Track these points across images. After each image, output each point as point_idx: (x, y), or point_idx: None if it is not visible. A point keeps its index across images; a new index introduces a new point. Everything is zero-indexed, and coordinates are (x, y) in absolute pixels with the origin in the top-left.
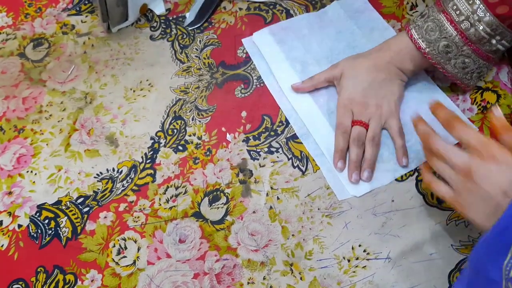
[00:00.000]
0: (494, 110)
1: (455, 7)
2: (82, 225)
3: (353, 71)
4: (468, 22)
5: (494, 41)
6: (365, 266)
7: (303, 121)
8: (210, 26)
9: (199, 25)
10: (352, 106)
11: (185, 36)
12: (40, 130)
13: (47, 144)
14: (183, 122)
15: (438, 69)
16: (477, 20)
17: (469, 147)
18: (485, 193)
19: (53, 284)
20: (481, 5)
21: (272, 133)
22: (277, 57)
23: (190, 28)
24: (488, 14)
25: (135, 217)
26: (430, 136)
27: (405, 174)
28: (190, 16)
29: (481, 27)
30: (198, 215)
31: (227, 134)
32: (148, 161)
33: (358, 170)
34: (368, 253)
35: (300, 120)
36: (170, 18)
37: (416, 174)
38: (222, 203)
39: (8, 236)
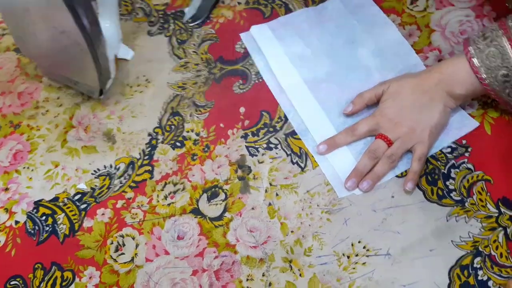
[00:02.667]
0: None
1: None
2: (79, 222)
3: (398, 88)
4: None
5: None
6: (364, 263)
7: (301, 117)
8: (208, 21)
9: (202, 19)
10: (383, 121)
11: (182, 31)
12: (37, 126)
13: (43, 140)
14: (181, 118)
15: (490, 95)
16: None
17: None
18: None
19: (51, 281)
20: None
21: (271, 129)
22: (276, 52)
23: (192, 24)
24: None
25: (133, 214)
26: None
27: (406, 170)
28: (189, 11)
29: None
30: (196, 212)
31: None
32: (145, 157)
33: (357, 179)
34: (367, 250)
35: (299, 116)
36: (169, 13)
37: None
38: (221, 200)
39: (5, 232)
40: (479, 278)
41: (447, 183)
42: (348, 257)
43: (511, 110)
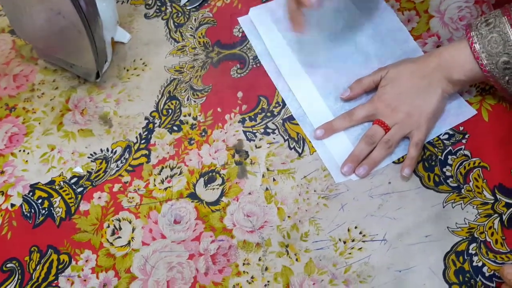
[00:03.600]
0: None
1: None
2: (76, 205)
3: (396, 73)
4: None
5: None
6: (361, 248)
7: (299, 102)
8: (206, 4)
9: (199, 2)
10: (380, 107)
11: (180, 15)
12: (32, 109)
13: (39, 123)
14: (178, 102)
15: (489, 81)
16: None
17: None
18: None
19: (47, 264)
20: None
21: (269, 114)
22: (274, 36)
23: (189, 7)
24: None
25: (130, 198)
26: None
27: (403, 157)
28: None
29: None
30: (193, 196)
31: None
32: (142, 141)
33: (354, 164)
34: (364, 235)
35: (297, 101)
36: None
37: None
38: (218, 184)
39: (1, 215)
40: (474, 264)
41: (444, 169)
42: (345, 242)
43: (509, 98)
